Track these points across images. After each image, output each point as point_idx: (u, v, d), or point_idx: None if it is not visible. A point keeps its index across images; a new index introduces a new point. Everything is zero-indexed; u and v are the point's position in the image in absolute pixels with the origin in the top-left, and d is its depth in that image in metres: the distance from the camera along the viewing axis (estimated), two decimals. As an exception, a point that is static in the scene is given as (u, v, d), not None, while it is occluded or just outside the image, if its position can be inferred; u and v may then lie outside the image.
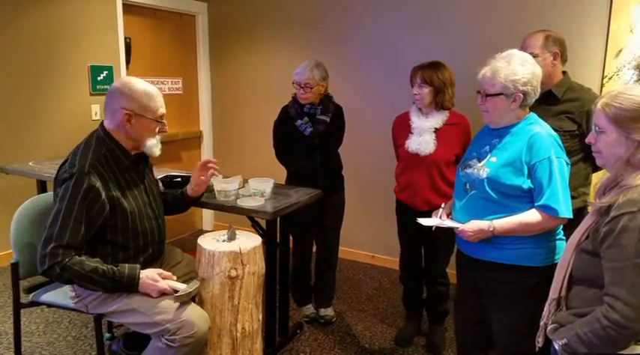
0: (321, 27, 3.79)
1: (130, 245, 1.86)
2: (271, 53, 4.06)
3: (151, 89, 1.90)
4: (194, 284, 1.85)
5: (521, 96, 1.70)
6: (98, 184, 1.74)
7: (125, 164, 1.88)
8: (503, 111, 1.74)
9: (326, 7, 3.74)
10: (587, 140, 1.40)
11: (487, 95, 1.72)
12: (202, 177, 2.13)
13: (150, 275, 1.81)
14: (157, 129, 1.93)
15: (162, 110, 1.93)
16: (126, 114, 1.83)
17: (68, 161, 1.83)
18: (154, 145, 1.92)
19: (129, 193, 1.87)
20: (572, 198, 1.88)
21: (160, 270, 1.88)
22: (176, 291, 1.80)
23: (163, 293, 1.80)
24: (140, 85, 1.88)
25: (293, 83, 2.63)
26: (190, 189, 2.17)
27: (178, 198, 2.20)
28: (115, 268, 1.77)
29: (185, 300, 1.80)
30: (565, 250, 1.44)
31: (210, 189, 2.35)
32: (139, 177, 1.95)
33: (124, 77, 1.93)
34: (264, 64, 4.11)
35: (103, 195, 1.76)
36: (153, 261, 1.99)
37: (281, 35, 3.99)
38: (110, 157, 1.84)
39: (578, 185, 2.18)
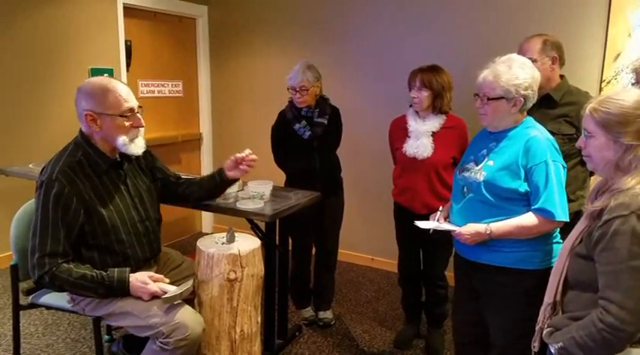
0: (320, 29, 3.80)
1: (116, 249, 1.84)
2: (271, 56, 4.07)
3: (111, 84, 1.79)
4: (184, 286, 1.83)
5: (522, 100, 1.72)
6: (67, 189, 1.72)
7: (102, 167, 1.83)
8: (502, 115, 1.75)
9: (325, 10, 3.76)
10: (577, 144, 1.41)
11: (489, 99, 1.73)
12: (233, 173, 2.16)
13: (140, 278, 1.79)
14: (128, 125, 1.81)
15: (128, 104, 1.80)
16: (88, 116, 1.78)
17: (44, 169, 1.82)
18: (125, 143, 1.81)
19: (107, 197, 1.83)
20: (570, 201, 1.90)
21: (151, 273, 1.86)
22: (166, 293, 1.79)
23: (155, 296, 1.79)
24: (98, 82, 1.80)
25: (288, 89, 2.64)
26: (227, 173, 2.17)
27: (214, 180, 2.18)
28: (105, 273, 1.76)
29: (173, 302, 1.78)
30: (559, 254, 1.45)
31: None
32: (121, 179, 1.90)
33: (87, 79, 1.86)
34: (264, 66, 4.13)
35: (75, 200, 1.73)
36: (146, 263, 1.98)
37: (281, 38, 4.00)
38: (86, 161, 1.80)
39: (576, 188, 2.19)
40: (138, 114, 1.85)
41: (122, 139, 1.81)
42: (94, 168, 1.82)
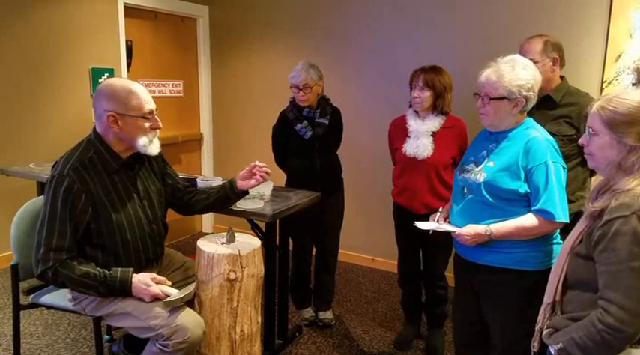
0: (320, 30, 3.81)
1: (120, 249, 1.84)
2: (272, 56, 4.07)
3: (133, 86, 1.82)
4: (186, 290, 1.83)
5: (524, 101, 1.72)
6: (77, 186, 1.72)
7: (113, 167, 1.84)
8: (503, 115, 1.75)
9: (326, 11, 3.76)
10: (579, 141, 1.41)
11: (491, 99, 1.73)
12: (249, 182, 2.06)
13: (142, 280, 1.80)
14: (148, 126, 1.85)
15: (149, 106, 1.84)
16: (110, 116, 1.79)
17: (55, 164, 1.83)
18: (146, 144, 1.85)
19: (116, 197, 1.83)
20: (570, 202, 1.90)
21: (154, 275, 1.86)
22: (168, 296, 1.79)
23: (156, 298, 1.79)
24: (121, 84, 1.82)
25: (291, 87, 2.64)
26: (238, 182, 2.07)
27: (224, 191, 2.08)
28: (108, 272, 1.77)
29: (175, 306, 1.78)
30: (559, 254, 1.45)
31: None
32: (131, 180, 1.91)
33: (107, 79, 1.87)
34: (264, 67, 4.13)
35: (83, 197, 1.73)
36: (148, 264, 1.98)
37: (282, 38, 4.00)
38: (97, 160, 1.81)
39: (575, 189, 2.19)
40: (156, 116, 1.89)
41: (143, 140, 1.84)
42: (105, 166, 1.83)
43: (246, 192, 2.11)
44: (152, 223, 1.96)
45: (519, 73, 1.70)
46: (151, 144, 1.87)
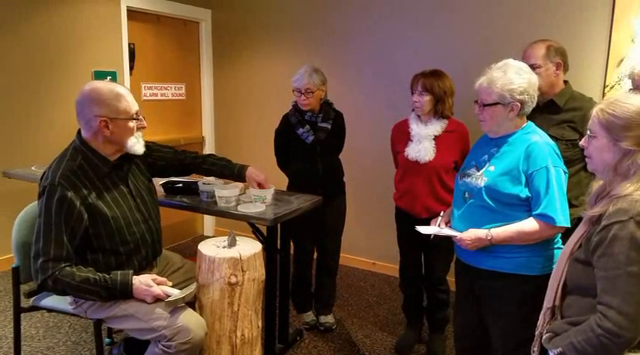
0: (322, 33, 3.81)
1: (120, 250, 1.85)
2: (274, 60, 4.08)
3: (120, 89, 1.86)
4: (188, 290, 1.84)
5: (519, 105, 1.72)
6: (70, 194, 1.73)
7: (103, 170, 1.85)
8: (500, 120, 1.75)
9: (328, 14, 3.77)
10: (580, 143, 1.43)
11: (485, 105, 1.73)
12: (250, 181, 2.33)
13: (144, 281, 1.81)
14: (135, 127, 1.89)
15: (136, 107, 1.89)
16: (102, 122, 1.80)
17: (44, 174, 1.83)
18: (134, 144, 1.89)
19: (110, 199, 1.85)
20: (574, 206, 1.90)
21: (155, 276, 1.88)
22: (169, 297, 1.80)
23: (158, 299, 1.80)
24: (108, 88, 1.85)
25: (293, 91, 2.65)
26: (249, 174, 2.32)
27: (232, 174, 2.34)
28: (108, 276, 1.77)
29: (177, 305, 1.79)
30: (558, 259, 1.46)
31: (211, 195, 2.36)
32: (122, 181, 1.93)
33: (89, 84, 1.88)
34: (267, 70, 4.13)
35: (78, 204, 1.74)
36: (148, 263, 1.99)
37: (284, 42, 4.01)
38: (87, 165, 1.82)
39: (579, 194, 2.18)
40: (141, 116, 1.92)
41: (132, 140, 1.88)
42: (96, 171, 1.84)
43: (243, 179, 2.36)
44: (148, 220, 1.98)
45: (512, 78, 1.70)
46: (137, 144, 1.91)
